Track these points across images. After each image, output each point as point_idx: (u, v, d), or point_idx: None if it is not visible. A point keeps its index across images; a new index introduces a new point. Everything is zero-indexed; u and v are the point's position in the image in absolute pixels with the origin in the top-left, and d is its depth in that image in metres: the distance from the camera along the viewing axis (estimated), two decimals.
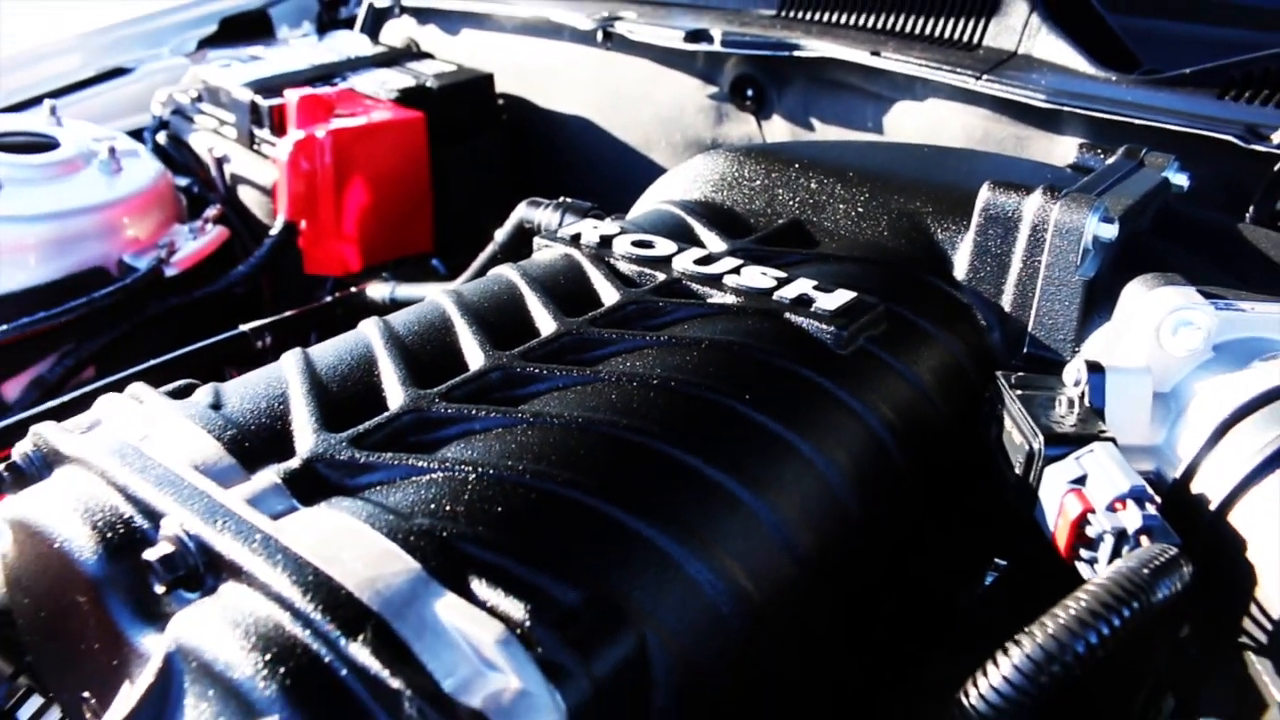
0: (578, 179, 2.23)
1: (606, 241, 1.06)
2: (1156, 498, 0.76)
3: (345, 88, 2.06)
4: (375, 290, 1.82)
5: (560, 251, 1.09)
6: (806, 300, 0.95)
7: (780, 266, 1.02)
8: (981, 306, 1.08)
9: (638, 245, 1.05)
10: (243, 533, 0.63)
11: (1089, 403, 0.87)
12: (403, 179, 1.95)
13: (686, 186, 1.28)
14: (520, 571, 0.64)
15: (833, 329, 0.92)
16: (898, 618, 0.96)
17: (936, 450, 0.97)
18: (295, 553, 0.61)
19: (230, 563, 0.62)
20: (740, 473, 0.78)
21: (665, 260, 1.03)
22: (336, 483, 0.72)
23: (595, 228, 1.09)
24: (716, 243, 1.12)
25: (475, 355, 0.87)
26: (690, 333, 0.91)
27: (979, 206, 1.06)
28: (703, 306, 0.97)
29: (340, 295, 1.85)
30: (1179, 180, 1.19)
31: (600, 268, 1.03)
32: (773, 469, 0.81)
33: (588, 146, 2.19)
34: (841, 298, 0.96)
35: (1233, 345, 0.89)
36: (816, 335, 0.93)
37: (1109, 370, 0.87)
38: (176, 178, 2.07)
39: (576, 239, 1.08)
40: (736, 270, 1.00)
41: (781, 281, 0.98)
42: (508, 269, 1.03)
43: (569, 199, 1.41)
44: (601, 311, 0.94)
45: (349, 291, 1.85)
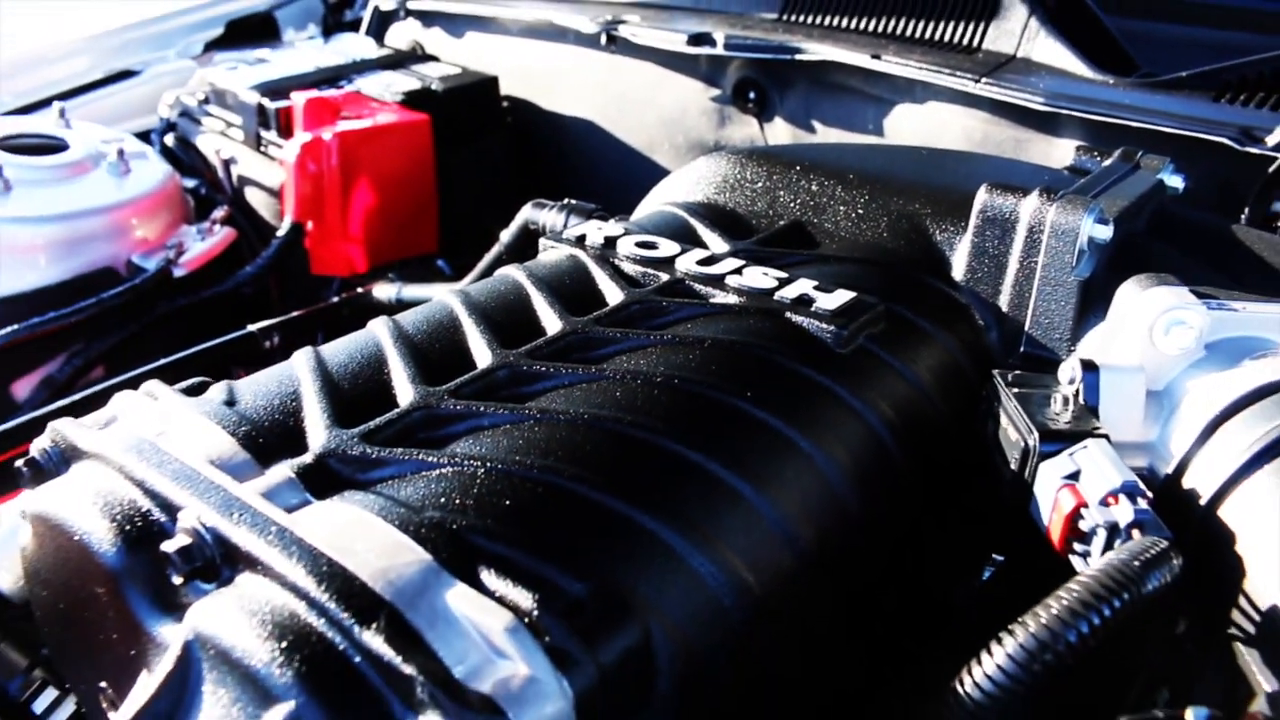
0: (582, 180, 2.24)
1: (611, 243, 1.08)
2: (1148, 493, 0.78)
3: (351, 90, 2.07)
4: (381, 290, 1.84)
5: (565, 252, 1.11)
6: (807, 300, 0.97)
7: (781, 267, 1.04)
8: (979, 306, 1.10)
9: (641, 246, 1.06)
10: (259, 525, 0.65)
11: (1083, 400, 0.88)
12: (408, 181, 1.96)
13: (689, 188, 1.30)
14: (528, 563, 0.66)
15: (833, 328, 0.94)
16: (896, 614, 0.97)
17: (935, 447, 0.98)
18: (310, 544, 0.63)
19: (247, 554, 0.64)
20: (742, 468, 0.80)
21: (669, 261, 1.04)
22: (348, 477, 0.74)
23: (600, 229, 1.11)
24: (719, 244, 1.13)
25: (483, 354, 0.89)
26: (693, 332, 0.93)
27: (977, 208, 1.08)
28: (705, 306, 0.98)
29: (347, 295, 1.87)
30: (1174, 182, 1.21)
31: (605, 268, 1.05)
32: (774, 465, 0.83)
33: (592, 148, 2.20)
34: (841, 298, 0.97)
35: (1224, 344, 0.90)
36: (817, 334, 0.95)
37: (1103, 369, 0.89)
38: (184, 179, 2.09)
39: (581, 240, 1.10)
40: (738, 271, 1.01)
41: (783, 282, 1.00)
42: (514, 269, 1.05)
43: (573, 200, 1.42)
44: (606, 311, 0.96)
45: (355, 292, 1.87)
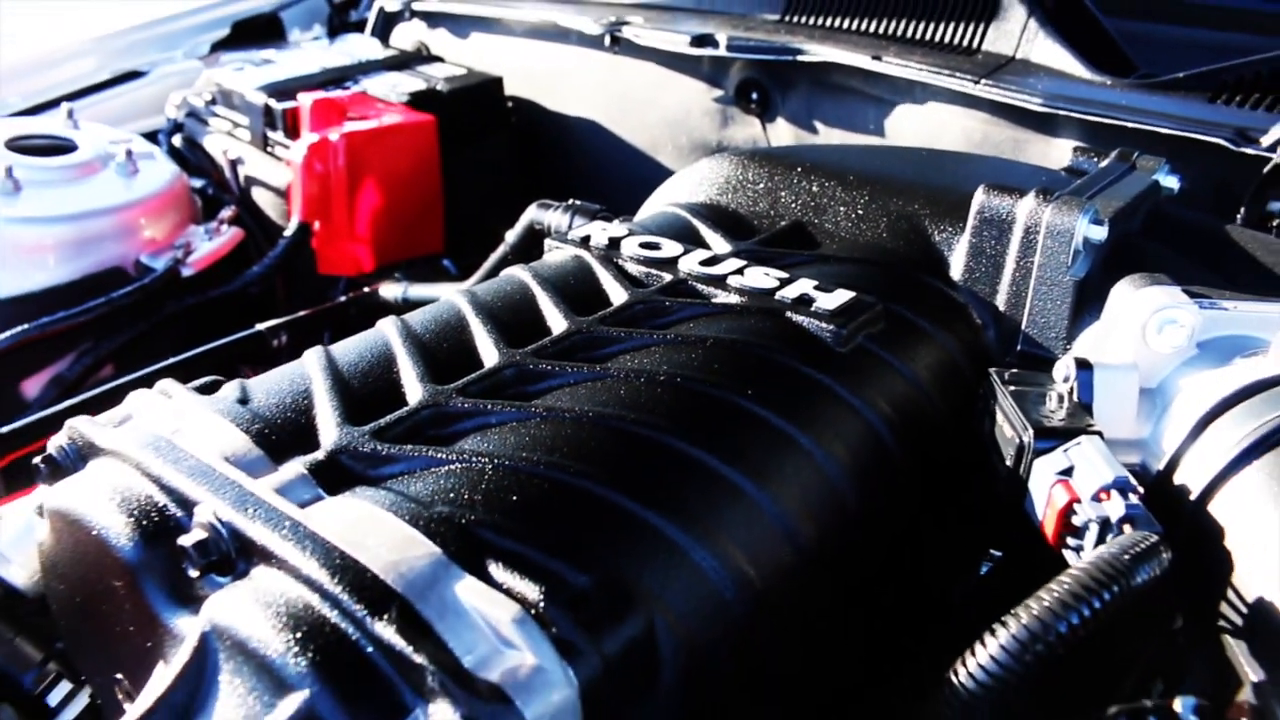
0: (586, 181, 2.25)
1: (615, 243, 1.10)
2: (1140, 488, 0.79)
3: (357, 91, 2.08)
4: (388, 290, 1.85)
5: (570, 253, 1.12)
6: (807, 300, 0.98)
7: (782, 267, 1.05)
8: (977, 306, 1.11)
9: (645, 247, 1.08)
10: (273, 520, 0.67)
11: (1078, 398, 0.90)
12: (414, 181, 1.98)
13: (692, 189, 1.31)
14: (535, 556, 0.68)
15: (832, 328, 0.96)
16: (894, 609, 0.99)
17: (932, 445, 1.00)
18: (323, 538, 0.65)
19: (261, 548, 0.66)
20: (743, 465, 0.82)
21: (672, 261, 1.06)
22: (359, 473, 0.76)
23: (604, 230, 1.12)
24: (721, 244, 1.15)
25: (490, 353, 0.91)
26: (695, 331, 0.95)
27: (974, 209, 1.09)
28: (707, 306, 1.00)
29: (354, 295, 1.88)
30: (1169, 183, 1.22)
31: (609, 269, 1.06)
32: (774, 462, 0.84)
33: (595, 149, 2.21)
34: (841, 297, 0.99)
35: (1216, 343, 0.92)
36: (817, 334, 0.97)
37: (1097, 367, 0.90)
38: (191, 179, 2.10)
39: (586, 241, 1.12)
40: (740, 271, 1.03)
41: (783, 282, 1.01)
42: (520, 270, 1.07)
43: (578, 201, 1.44)
44: (610, 311, 0.98)
45: (362, 291, 1.88)
